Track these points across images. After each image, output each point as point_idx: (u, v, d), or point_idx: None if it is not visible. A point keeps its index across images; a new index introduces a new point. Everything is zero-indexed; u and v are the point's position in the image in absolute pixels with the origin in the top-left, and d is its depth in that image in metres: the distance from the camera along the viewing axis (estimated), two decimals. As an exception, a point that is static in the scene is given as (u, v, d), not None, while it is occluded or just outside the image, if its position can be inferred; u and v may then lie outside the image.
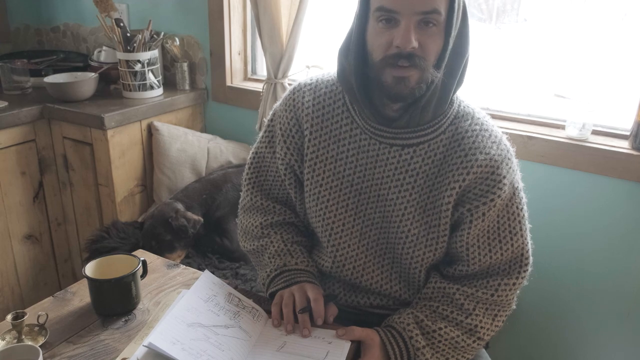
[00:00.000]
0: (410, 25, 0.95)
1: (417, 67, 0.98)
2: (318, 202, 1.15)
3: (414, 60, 0.97)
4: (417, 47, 0.96)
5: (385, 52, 0.98)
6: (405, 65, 0.97)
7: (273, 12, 1.91)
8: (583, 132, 1.62)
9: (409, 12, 0.95)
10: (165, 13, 2.29)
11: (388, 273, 1.16)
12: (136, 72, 2.11)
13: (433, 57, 0.99)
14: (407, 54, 0.96)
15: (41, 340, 1.03)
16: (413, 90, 1.00)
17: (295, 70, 2.03)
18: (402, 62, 0.97)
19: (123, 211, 2.10)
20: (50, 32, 2.71)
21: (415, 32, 0.96)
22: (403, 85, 0.99)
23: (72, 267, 2.39)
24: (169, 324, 1.00)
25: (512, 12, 1.81)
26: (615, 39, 1.67)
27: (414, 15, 0.95)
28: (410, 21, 0.95)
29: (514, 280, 1.09)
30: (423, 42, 0.97)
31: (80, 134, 2.06)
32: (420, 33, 0.96)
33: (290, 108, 1.17)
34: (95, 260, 1.16)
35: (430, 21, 0.96)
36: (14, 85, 2.22)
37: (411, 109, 1.03)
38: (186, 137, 2.15)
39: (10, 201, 2.10)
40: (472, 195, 1.05)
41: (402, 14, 0.95)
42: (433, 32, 0.97)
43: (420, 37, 0.96)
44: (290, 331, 1.06)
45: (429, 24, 0.96)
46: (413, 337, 1.06)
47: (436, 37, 0.98)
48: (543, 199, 1.70)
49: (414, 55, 0.97)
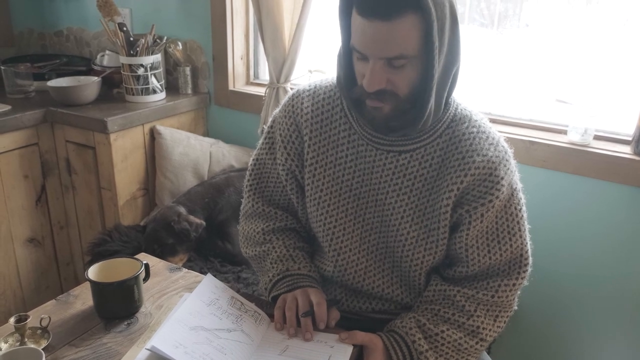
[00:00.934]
0: (376, 67, 0.96)
1: (388, 102, 1.00)
2: (319, 207, 1.15)
3: (383, 97, 0.99)
4: (386, 84, 0.98)
5: (362, 81, 1.00)
6: (375, 99, 1.00)
7: (275, 17, 1.92)
8: (585, 137, 1.62)
9: (374, 56, 0.96)
10: (168, 17, 2.30)
11: (389, 277, 1.16)
12: (139, 76, 2.12)
13: (406, 89, 0.99)
14: (375, 92, 0.98)
15: (44, 343, 1.04)
16: (387, 118, 1.02)
17: (298, 75, 2.04)
18: (372, 97, 1.00)
19: (125, 215, 2.11)
20: (54, 36, 2.72)
21: (384, 71, 0.97)
22: (377, 113, 1.02)
23: (74, 271, 2.39)
24: (171, 328, 1.00)
25: (514, 18, 1.81)
26: (616, 44, 1.68)
27: (380, 59, 0.96)
28: (377, 63, 0.96)
29: (514, 280, 1.10)
30: (393, 79, 0.98)
31: (83, 137, 2.07)
32: (389, 71, 0.97)
33: (290, 114, 1.18)
34: (98, 264, 1.16)
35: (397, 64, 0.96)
36: (17, 89, 2.23)
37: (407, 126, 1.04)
38: (188, 141, 2.16)
39: (12, 204, 2.10)
40: (470, 197, 1.05)
41: (369, 55, 0.97)
42: (405, 69, 0.97)
43: (390, 74, 0.97)
44: (293, 335, 1.06)
45: (397, 63, 0.96)
46: (416, 341, 1.06)
47: (408, 72, 0.98)
48: (545, 204, 1.70)
49: (384, 91, 0.99)
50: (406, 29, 0.92)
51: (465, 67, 1.03)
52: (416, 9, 0.91)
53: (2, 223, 2.09)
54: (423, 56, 0.96)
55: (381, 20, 0.92)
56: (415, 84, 0.99)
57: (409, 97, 1.00)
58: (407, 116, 1.03)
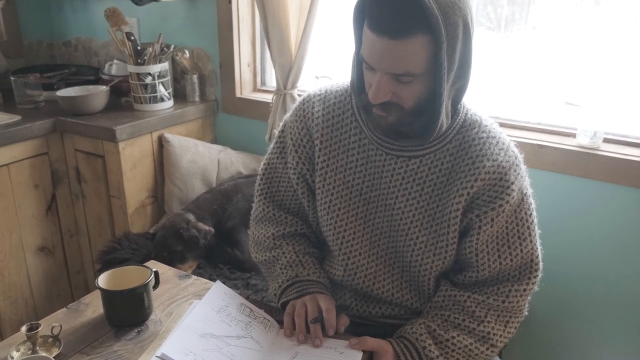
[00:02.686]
0: (382, 80, 0.97)
1: (392, 113, 1.01)
2: (329, 211, 1.16)
3: (387, 108, 1.00)
4: (391, 97, 0.98)
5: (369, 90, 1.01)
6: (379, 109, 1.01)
7: (282, 24, 1.92)
8: (594, 140, 1.61)
9: (381, 70, 0.96)
10: (175, 26, 2.32)
11: (398, 282, 1.16)
12: (147, 84, 2.13)
13: (412, 102, 1.00)
14: (380, 103, 0.99)
15: (55, 352, 1.04)
16: (392, 126, 1.03)
17: (304, 81, 2.04)
18: (376, 107, 1.01)
19: (135, 222, 2.12)
20: (62, 46, 2.75)
21: (390, 84, 0.97)
22: (383, 120, 1.03)
23: (84, 279, 2.40)
24: (181, 335, 1.00)
25: (521, 21, 1.81)
26: (626, 45, 1.67)
27: (387, 73, 0.96)
28: (383, 76, 0.97)
29: (524, 286, 1.09)
30: (399, 92, 0.98)
31: (92, 146, 2.08)
32: (395, 84, 0.98)
33: (301, 118, 1.18)
34: (108, 272, 1.17)
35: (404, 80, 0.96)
36: (27, 99, 2.25)
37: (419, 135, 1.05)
38: (197, 148, 2.17)
39: (23, 214, 2.12)
40: (480, 201, 1.05)
41: (376, 69, 0.97)
42: (411, 84, 0.97)
43: (395, 88, 0.98)
44: (302, 341, 1.06)
45: (404, 81, 0.97)
46: (426, 347, 1.05)
47: (415, 87, 0.98)
48: (554, 207, 1.69)
49: (388, 103, 0.99)
50: (415, 48, 0.92)
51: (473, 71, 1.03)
52: (427, 30, 0.91)
53: (13, 232, 2.10)
54: (431, 74, 0.96)
55: (390, 38, 0.92)
56: (421, 98, 1.00)
57: (414, 110, 1.01)
58: (414, 126, 1.04)
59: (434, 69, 0.95)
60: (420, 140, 1.06)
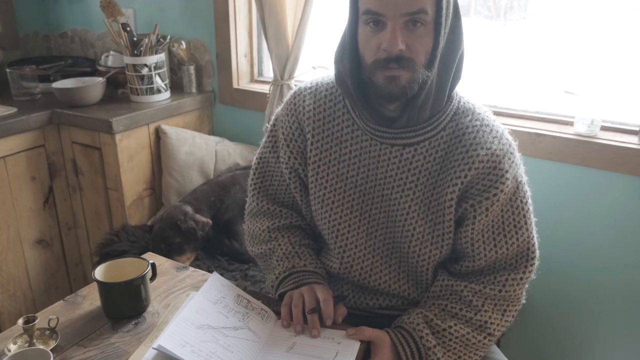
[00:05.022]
0: (396, 28, 0.95)
1: (407, 69, 0.98)
2: (323, 205, 1.15)
3: (402, 62, 0.97)
4: (405, 49, 0.96)
5: (375, 56, 0.99)
6: (395, 67, 0.98)
7: (278, 14, 1.91)
8: (592, 128, 1.61)
9: (395, 14, 0.95)
10: (171, 17, 2.30)
11: (396, 273, 1.16)
12: (143, 76, 2.12)
13: (423, 57, 0.98)
14: (395, 56, 0.97)
15: (52, 344, 1.04)
16: (404, 89, 1.00)
17: (302, 71, 2.03)
18: (392, 64, 0.98)
19: (132, 215, 2.11)
20: (59, 38, 2.73)
21: (402, 34, 0.96)
22: (394, 84, 0.99)
23: (83, 271, 2.41)
24: (178, 327, 1.00)
25: (520, 9, 1.80)
26: (623, 33, 1.66)
27: (400, 17, 0.95)
28: (397, 23, 0.95)
29: (521, 274, 1.09)
30: (411, 44, 0.97)
31: (89, 138, 2.07)
32: (408, 35, 0.96)
33: (292, 112, 1.17)
34: (105, 264, 1.17)
35: (417, 21, 0.96)
36: (23, 91, 2.24)
37: (408, 108, 1.03)
38: (194, 140, 2.16)
39: (20, 206, 2.12)
40: (475, 190, 1.04)
41: (387, 16, 0.95)
42: (421, 33, 0.97)
43: (408, 39, 0.96)
44: (300, 332, 1.06)
45: (416, 24, 0.96)
46: (423, 336, 1.05)
47: (424, 37, 0.97)
48: (552, 196, 1.69)
49: (402, 57, 0.97)
50: None
51: (471, 59, 1.02)
52: None
53: (11, 225, 2.10)
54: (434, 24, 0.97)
55: None
56: (428, 55, 0.99)
57: (425, 67, 0.99)
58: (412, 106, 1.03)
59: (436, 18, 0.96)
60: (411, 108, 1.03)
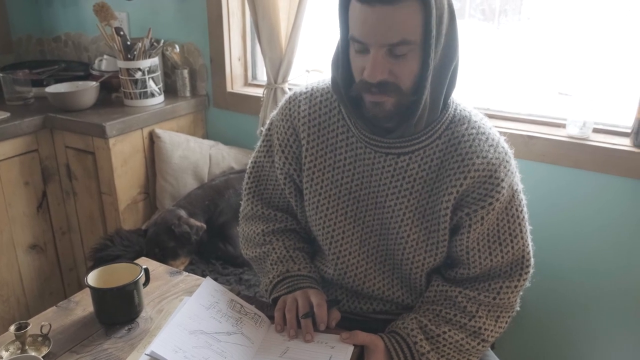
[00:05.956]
0: (378, 56, 0.95)
1: (391, 94, 0.98)
2: (318, 211, 1.15)
3: (385, 88, 0.97)
4: (388, 75, 0.96)
5: (361, 76, 0.99)
6: (377, 93, 0.98)
7: (272, 17, 1.91)
8: (584, 131, 1.62)
9: (376, 44, 0.94)
10: (165, 21, 2.30)
11: (390, 279, 1.16)
12: (137, 80, 2.12)
13: (408, 81, 0.97)
14: (377, 83, 0.96)
15: (44, 351, 1.04)
16: (390, 113, 1.00)
17: (295, 75, 2.03)
18: (373, 90, 0.98)
19: (126, 219, 2.11)
20: (52, 42, 2.73)
21: (385, 61, 0.95)
22: (379, 108, 1.00)
23: (77, 276, 2.40)
24: (171, 332, 1.00)
25: (513, 12, 1.81)
26: (616, 35, 1.67)
27: (382, 47, 0.94)
28: (379, 52, 0.94)
29: (515, 282, 1.09)
30: (395, 70, 0.96)
31: (82, 143, 2.07)
32: (391, 61, 0.95)
33: (287, 117, 1.17)
34: (98, 269, 1.16)
35: (399, 52, 0.95)
36: (16, 95, 2.23)
37: (403, 124, 1.03)
38: (188, 143, 2.16)
39: (14, 211, 2.11)
40: (470, 199, 1.04)
41: (370, 44, 0.95)
42: (406, 59, 0.95)
43: (392, 65, 0.96)
44: (293, 336, 1.06)
45: (399, 52, 0.95)
46: (417, 342, 1.05)
47: (410, 63, 0.96)
48: (545, 199, 1.69)
49: (386, 83, 0.96)
50: (408, 13, 0.92)
51: (464, 62, 1.02)
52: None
53: (4, 230, 2.09)
54: (422, 46, 0.95)
55: (383, 5, 0.91)
56: (416, 77, 0.98)
57: (412, 90, 0.98)
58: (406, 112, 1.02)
59: (425, 41, 0.94)
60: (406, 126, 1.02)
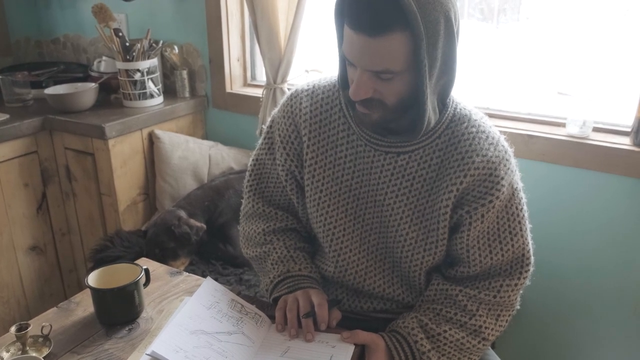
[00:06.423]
0: (363, 77, 0.96)
1: (375, 109, 1.00)
2: (318, 208, 1.15)
3: (370, 104, 0.99)
4: (373, 93, 0.97)
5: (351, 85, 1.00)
6: (361, 107, 1.00)
7: (270, 18, 1.91)
8: (584, 130, 1.62)
9: (362, 67, 0.95)
10: (163, 22, 2.30)
11: (389, 277, 1.16)
12: (136, 81, 2.12)
13: (394, 99, 0.99)
14: (361, 100, 0.98)
15: (45, 351, 1.04)
16: (377, 124, 1.02)
17: (294, 75, 2.03)
18: (359, 104, 1.00)
19: (126, 220, 2.11)
20: (51, 43, 2.73)
21: (371, 81, 0.96)
22: (367, 119, 1.02)
23: (77, 277, 2.39)
24: (171, 332, 1.00)
25: (512, 11, 1.81)
26: (615, 35, 1.67)
27: (368, 70, 0.95)
28: (364, 74, 0.96)
29: (515, 280, 1.09)
30: (380, 89, 0.97)
31: (81, 144, 2.07)
32: (377, 82, 0.96)
33: (288, 114, 1.17)
34: (98, 270, 1.16)
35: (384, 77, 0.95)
36: (15, 97, 2.23)
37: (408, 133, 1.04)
38: (187, 144, 2.16)
39: (13, 213, 2.11)
40: (470, 197, 1.04)
41: (357, 65, 0.96)
42: (392, 81, 0.96)
43: (377, 85, 0.97)
44: (294, 336, 1.06)
45: (384, 78, 0.95)
46: (418, 341, 1.05)
47: (396, 85, 0.96)
48: (545, 198, 1.69)
49: (370, 99, 0.98)
50: (393, 46, 0.91)
51: (464, 62, 1.02)
52: (405, 27, 0.89)
53: (4, 232, 2.09)
54: (412, 71, 0.95)
55: (367, 36, 0.91)
56: (404, 96, 0.98)
57: (397, 106, 1.00)
58: (401, 122, 1.04)
59: (415, 66, 0.94)
60: (408, 137, 1.05)
